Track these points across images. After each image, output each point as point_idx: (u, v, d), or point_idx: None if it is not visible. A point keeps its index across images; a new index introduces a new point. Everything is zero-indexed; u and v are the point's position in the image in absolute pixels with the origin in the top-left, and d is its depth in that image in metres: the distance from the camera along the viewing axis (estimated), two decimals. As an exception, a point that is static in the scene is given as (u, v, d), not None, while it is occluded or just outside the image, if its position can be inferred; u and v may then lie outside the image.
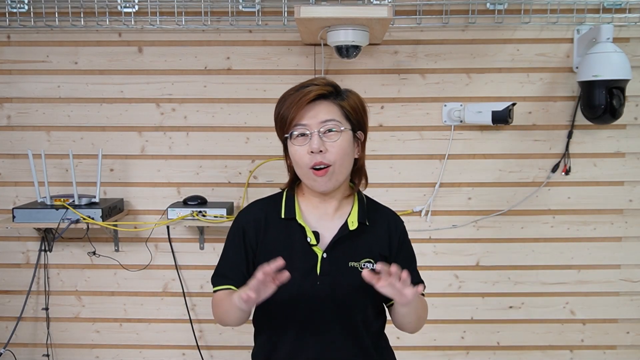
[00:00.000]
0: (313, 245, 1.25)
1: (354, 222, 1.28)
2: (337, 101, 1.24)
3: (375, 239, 1.30)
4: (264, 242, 1.28)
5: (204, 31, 2.18)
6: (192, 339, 2.28)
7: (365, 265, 1.26)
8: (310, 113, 1.21)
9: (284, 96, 1.25)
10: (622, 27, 2.14)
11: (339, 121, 1.22)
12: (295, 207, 1.30)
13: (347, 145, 1.23)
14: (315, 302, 1.24)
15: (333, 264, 1.25)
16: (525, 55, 2.17)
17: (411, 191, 2.23)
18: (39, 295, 2.30)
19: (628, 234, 2.24)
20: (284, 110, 1.23)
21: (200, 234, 2.25)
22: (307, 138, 1.22)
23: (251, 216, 1.32)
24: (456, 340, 2.30)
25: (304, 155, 1.22)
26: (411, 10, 2.14)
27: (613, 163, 2.21)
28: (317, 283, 1.23)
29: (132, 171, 2.25)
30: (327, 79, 1.27)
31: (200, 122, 2.22)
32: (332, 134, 1.21)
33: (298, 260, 1.24)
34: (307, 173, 1.23)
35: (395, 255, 1.31)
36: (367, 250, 1.28)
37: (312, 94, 1.21)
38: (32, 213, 2.03)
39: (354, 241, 1.27)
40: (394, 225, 1.34)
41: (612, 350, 2.29)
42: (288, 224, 1.28)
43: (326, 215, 1.30)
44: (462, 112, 2.15)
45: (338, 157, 1.22)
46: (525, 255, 2.25)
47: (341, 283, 1.24)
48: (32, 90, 2.21)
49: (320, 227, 1.28)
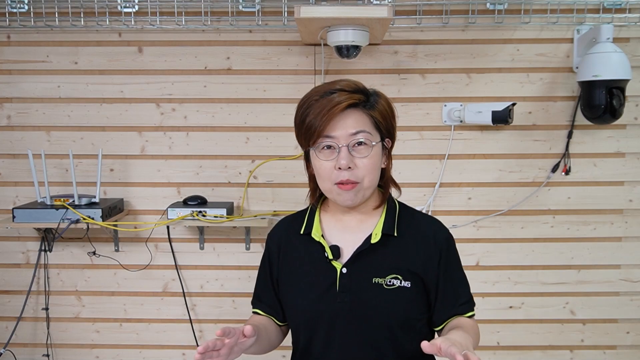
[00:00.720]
0: (331, 260, 1.18)
1: (378, 233, 1.18)
2: (368, 110, 1.15)
3: (405, 253, 1.18)
4: (286, 259, 1.25)
5: (204, 31, 2.18)
6: (192, 339, 2.28)
7: (392, 282, 1.15)
8: (339, 124, 1.12)
9: (308, 101, 1.15)
10: (622, 27, 2.14)
11: (369, 133, 1.13)
12: (315, 221, 1.23)
13: (377, 159, 1.15)
14: (335, 321, 1.16)
15: (354, 279, 1.16)
16: (525, 55, 2.17)
17: (411, 191, 2.23)
18: (39, 295, 2.30)
19: (628, 234, 2.24)
20: (311, 120, 1.12)
21: (200, 234, 2.25)
22: (334, 152, 1.13)
23: (276, 235, 1.30)
24: (456, 340, 2.30)
25: (329, 170, 1.13)
26: (411, 10, 2.14)
27: (613, 163, 2.21)
28: (337, 300, 1.16)
29: (132, 171, 2.25)
30: (355, 83, 1.16)
31: (200, 122, 2.22)
32: (362, 148, 1.13)
33: (317, 276, 1.18)
34: (332, 188, 1.15)
35: (437, 275, 1.19)
36: (394, 264, 1.17)
37: (343, 104, 1.11)
38: (32, 213, 2.03)
39: (378, 255, 1.17)
40: (433, 237, 1.20)
41: (612, 350, 2.29)
42: (308, 240, 1.22)
43: (350, 228, 1.22)
44: (462, 112, 2.15)
45: (367, 173, 1.14)
46: (525, 255, 2.25)
47: (362, 300, 1.15)
48: (32, 90, 2.21)
49: (343, 240, 1.20)
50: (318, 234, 1.21)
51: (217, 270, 2.28)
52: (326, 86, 1.16)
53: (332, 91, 1.13)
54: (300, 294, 1.21)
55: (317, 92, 1.15)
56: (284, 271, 1.25)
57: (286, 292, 1.25)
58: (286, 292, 1.25)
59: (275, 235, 1.30)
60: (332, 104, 1.10)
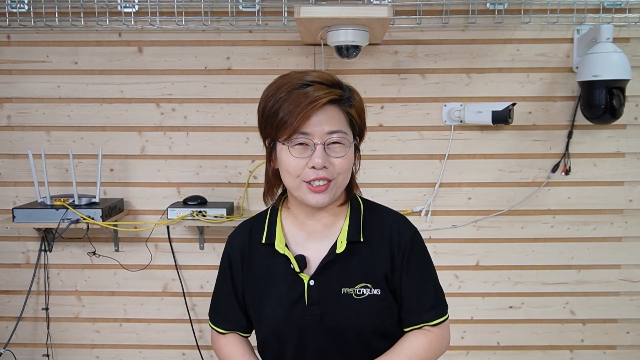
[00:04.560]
0: (298, 273, 1.10)
1: (343, 242, 1.11)
2: (345, 107, 1.08)
3: (373, 258, 1.12)
4: (249, 270, 1.17)
5: (204, 31, 2.18)
6: (192, 339, 2.28)
7: (361, 291, 1.09)
8: (315, 120, 1.03)
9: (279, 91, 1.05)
10: (622, 27, 2.14)
11: (345, 132, 1.06)
12: (277, 228, 1.15)
13: (351, 159, 1.09)
14: (306, 333, 1.10)
15: (323, 291, 1.10)
16: (525, 55, 2.17)
17: (411, 191, 2.23)
18: (39, 295, 2.30)
19: (628, 234, 2.24)
20: (285, 114, 1.03)
21: (200, 234, 2.25)
22: (307, 149, 1.05)
23: (236, 243, 1.20)
24: (456, 340, 2.30)
25: (300, 168, 1.05)
26: (411, 10, 2.14)
27: (613, 163, 2.21)
28: (307, 314, 1.10)
29: (132, 171, 2.25)
30: (330, 75, 1.08)
31: (200, 122, 2.22)
32: (337, 147, 1.06)
33: (284, 289, 1.11)
34: (301, 186, 1.07)
35: (400, 273, 1.13)
36: (363, 272, 1.11)
37: (322, 100, 1.02)
38: (32, 213, 2.03)
39: (346, 263, 1.11)
40: (397, 235, 1.14)
41: (612, 350, 2.29)
42: (271, 250, 1.14)
43: (314, 233, 1.14)
44: (462, 112, 2.15)
45: (342, 172, 1.07)
46: (525, 255, 2.25)
47: (333, 313, 1.09)
48: (32, 90, 2.21)
49: (308, 248, 1.13)
50: (282, 244, 1.13)
51: (217, 271, 2.28)
52: (298, 76, 1.06)
53: (306, 83, 1.04)
54: (268, 307, 1.13)
55: (288, 81, 1.05)
56: (249, 282, 1.17)
57: (253, 305, 1.17)
58: (253, 304, 1.17)
59: (236, 243, 1.20)
60: (309, 100, 1.02)
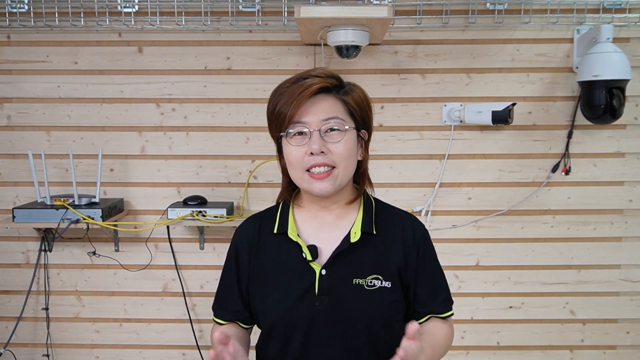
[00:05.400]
0: (310, 262, 1.11)
1: (357, 232, 1.13)
2: (341, 96, 1.11)
3: (385, 251, 1.14)
4: (257, 261, 1.17)
5: (204, 31, 2.18)
6: (192, 339, 2.28)
7: (373, 283, 1.11)
8: (311, 109, 1.08)
9: (280, 89, 1.11)
10: (622, 27, 2.14)
11: (342, 119, 1.09)
12: (289, 219, 1.16)
13: (351, 145, 1.10)
14: (313, 325, 1.10)
15: (334, 281, 1.10)
16: (525, 55, 2.17)
17: (411, 191, 2.23)
18: (39, 295, 2.30)
19: (628, 234, 2.24)
20: (281, 106, 1.08)
21: (200, 234, 2.25)
22: (305, 137, 1.08)
23: (244, 234, 1.20)
24: (456, 340, 2.29)
25: (300, 157, 1.08)
26: (411, 10, 2.14)
27: (613, 163, 2.21)
28: (316, 304, 1.09)
29: (132, 171, 2.25)
30: (328, 70, 1.12)
31: (200, 122, 2.22)
32: (335, 133, 1.08)
33: (294, 279, 1.11)
34: (304, 176, 1.09)
35: (415, 270, 1.15)
36: (375, 264, 1.12)
37: (313, 87, 1.07)
38: (32, 213, 2.03)
39: (358, 254, 1.12)
40: (411, 232, 1.16)
41: (612, 350, 2.29)
42: (282, 240, 1.15)
43: (326, 225, 1.16)
44: (462, 112, 2.15)
45: (342, 158, 1.08)
46: (525, 255, 2.25)
47: (343, 303, 1.09)
48: (32, 90, 2.21)
49: (320, 239, 1.14)
50: (294, 233, 1.14)
51: (217, 270, 2.25)
52: (299, 74, 1.12)
53: (304, 77, 1.10)
54: (276, 298, 1.13)
55: (289, 80, 1.12)
56: (256, 274, 1.16)
57: (259, 297, 1.16)
58: (259, 296, 1.16)
59: (244, 235, 1.20)
60: (302, 88, 1.07)
